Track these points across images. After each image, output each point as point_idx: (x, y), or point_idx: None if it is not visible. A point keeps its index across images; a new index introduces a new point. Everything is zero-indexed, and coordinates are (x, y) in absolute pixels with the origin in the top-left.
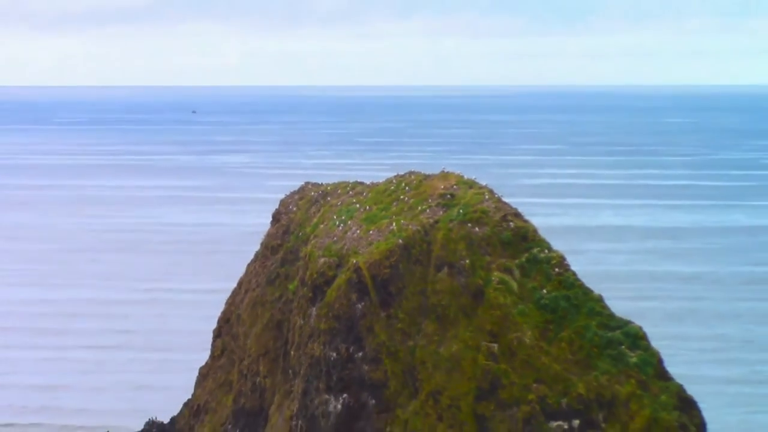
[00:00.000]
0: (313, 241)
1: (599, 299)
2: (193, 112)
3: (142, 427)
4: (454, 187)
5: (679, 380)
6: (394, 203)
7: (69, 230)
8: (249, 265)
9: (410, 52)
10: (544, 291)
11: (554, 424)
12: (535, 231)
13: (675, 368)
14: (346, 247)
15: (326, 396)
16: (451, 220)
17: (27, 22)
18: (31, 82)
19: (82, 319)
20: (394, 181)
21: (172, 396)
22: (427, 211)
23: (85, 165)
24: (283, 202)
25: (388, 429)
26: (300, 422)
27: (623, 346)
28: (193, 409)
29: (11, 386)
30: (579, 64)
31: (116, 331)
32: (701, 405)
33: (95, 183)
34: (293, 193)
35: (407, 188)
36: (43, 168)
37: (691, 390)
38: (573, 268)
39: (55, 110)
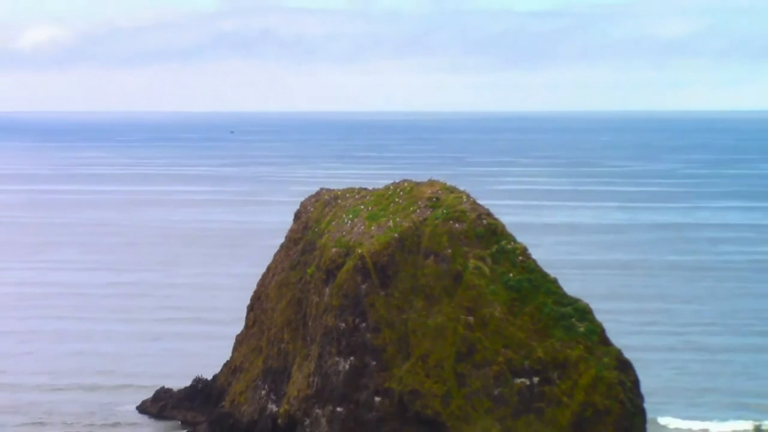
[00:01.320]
0: (326, 235)
1: (554, 281)
2: (231, 131)
3: (190, 383)
4: (439, 192)
5: (618, 346)
6: (391, 205)
7: (131, 226)
8: (275, 255)
9: (402, 85)
10: (511, 275)
11: (518, 380)
12: (503, 227)
13: (615, 337)
14: (352, 240)
15: (337, 358)
16: (436, 218)
17: (98, 60)
18: (97, 108)
19: (142, 298)
20: (391, 187)
21: (214, 358)
22: (417, 211)
23: (142, 174)
24: (302, 204)
25: (386, 384)
26: (316, 379)
27: (573, 319)
28: (230, 369)
29: (86, 353)
30: (536, 94)
31: (169, 307)
32: (636, 365)
33: (150, 188)
34: (311, 197)
35: (401, 193)
36: (108, 177)
37: (628, 354)
38: (533, 257)
39: (116, 131)
